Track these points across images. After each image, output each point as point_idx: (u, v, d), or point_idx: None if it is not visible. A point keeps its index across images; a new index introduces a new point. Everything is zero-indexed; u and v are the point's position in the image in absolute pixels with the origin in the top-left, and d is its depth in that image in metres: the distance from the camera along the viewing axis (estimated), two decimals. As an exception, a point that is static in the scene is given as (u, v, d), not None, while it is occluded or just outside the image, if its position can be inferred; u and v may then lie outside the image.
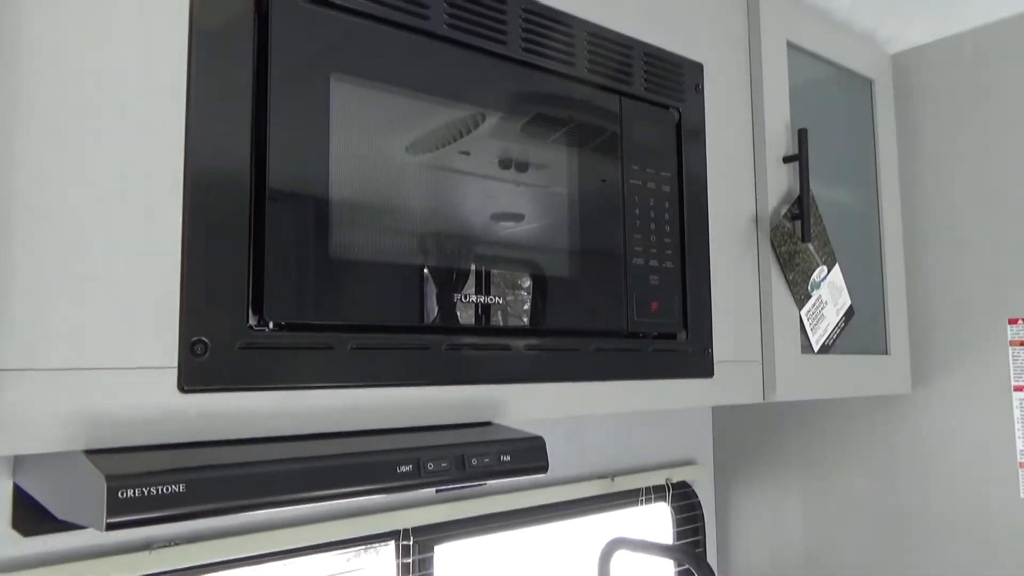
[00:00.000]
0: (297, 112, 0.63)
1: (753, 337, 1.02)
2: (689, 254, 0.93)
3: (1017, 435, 1.15)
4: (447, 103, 0.73)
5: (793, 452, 1.42)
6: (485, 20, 0.77)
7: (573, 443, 1.29)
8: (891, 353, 1.23)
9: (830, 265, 1.10)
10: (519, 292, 0.77)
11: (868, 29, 1.25)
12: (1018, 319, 1.16)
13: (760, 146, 1.05)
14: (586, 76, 0.85)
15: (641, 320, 0.87)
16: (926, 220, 1.27)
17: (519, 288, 0.77)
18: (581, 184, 0.83)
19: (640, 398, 0.88)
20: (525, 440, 0.64)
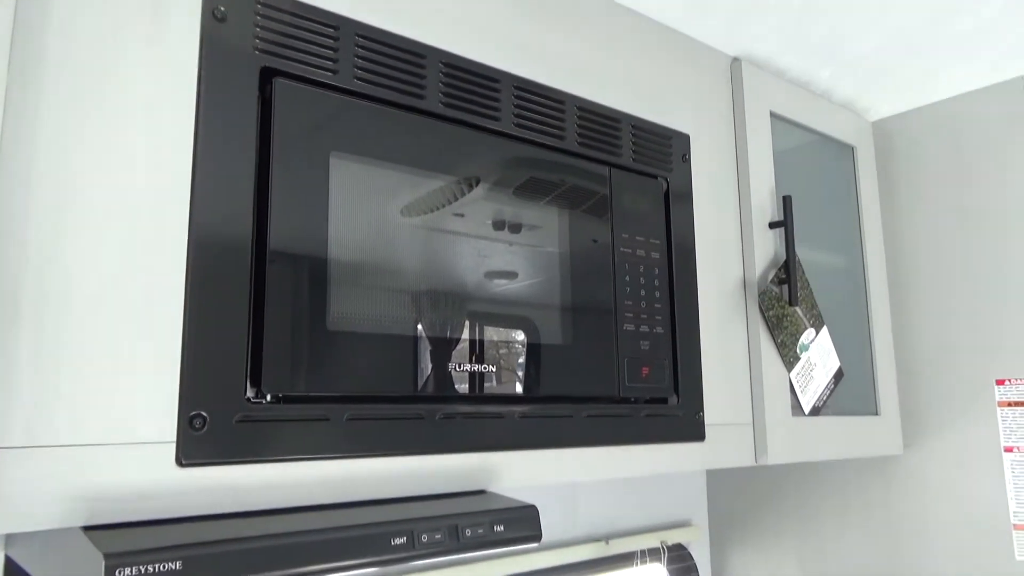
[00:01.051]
0: (297, 189, 0.65)
1: (743, 400, 1.03)
2: (679, 319, 0.95)
3: (1009, 496, 1.15)
4: (443, 176, 0.76)
5: (789, 513, 1.42)
6: (479, 98, 0.80)
7: (567, 506, 1.29)
8: (881, 414, 1.24)
9: (818, 328, 1.12)
10: (512, 359, 0.78)
11: (848, 98, 1.30)
12: (1006, 380, 1.17)
13: (746, 212, 1.08)
14: (576, 148, 0.89)
15: (632, 385, 0.88)
16: (911, 282, 1.30)
17: (512, 355, 0.78)
18: (572, 250, 0.86)
19: (633, 463, 0.88)
20: (519, 509, 0.65)
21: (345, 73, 0.71)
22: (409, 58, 0.75)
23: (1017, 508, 1.14)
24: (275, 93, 0.65)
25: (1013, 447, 1.16)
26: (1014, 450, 1.15)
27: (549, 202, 0.85)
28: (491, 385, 0.76)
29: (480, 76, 0.81)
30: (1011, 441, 1.16)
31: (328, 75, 0.69)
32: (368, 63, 0.72)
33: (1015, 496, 1.15)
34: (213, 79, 0.62)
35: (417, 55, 0.76)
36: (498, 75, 0.82)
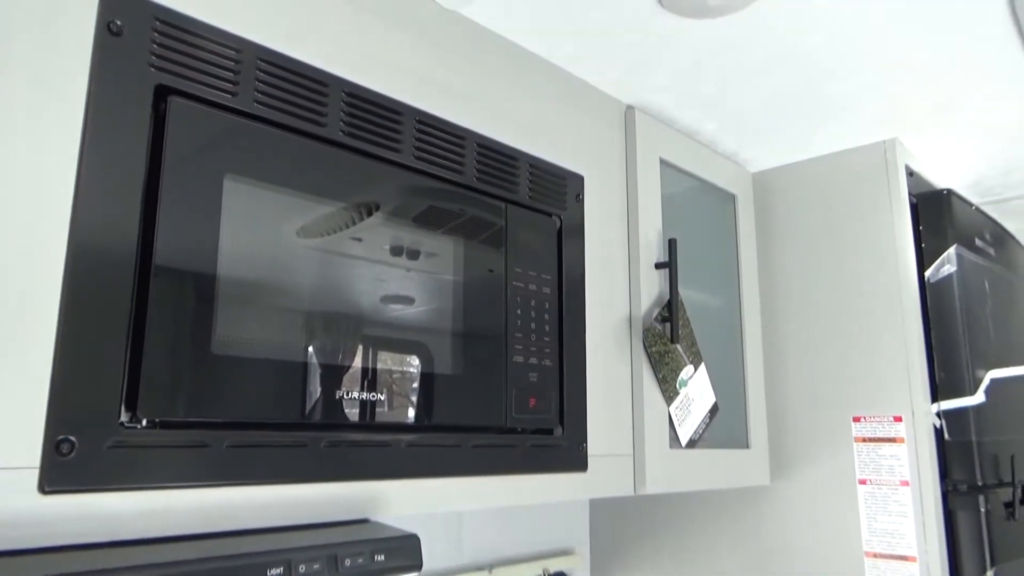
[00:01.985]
0: (187, 208, 0.64)
1: (625, 432, 1.08)
2: (567, 352, 0.99)
3: (862, 525, 1.25)
4: (341, 204, 0.76)
5: (666, 541, 1.47)
6: (381, 129, 0.81)
7: (452, 535, 1.30)
8: (752, 447, 1.31)
9: (697, 364, 1.18)
10: (403, 386, 0.79)
11: (732, 150, 1.39)
12: (861, 417, 1.27)
13: (634, 253, 1.14)
14: (475, 184, 0.91)
15: (519, 416, 0.90)
16: (782, 324, 1.39)
17: (403, 382, 0.79)
18: (467, 280, 0.87)
19: (517, 492, 0.90)
20: (400, 539, 0.65)
21: (245, 96, 0.70)
22: (312, 86, 0.76)
23: (869, 536, 1.24)
24: (169, 111, 0.64)
25: (867, 479, 1.25)
26: (867, 482, 1.25)
27: (446, 232, 0.87)
28: (381, 412, 0.76)
29: (383, 108, 0.82)
30: (865, 474, 1.26)
31: (227, 97, 0.69)
32: (269, 88, 0.72)
33: (867, 525, 1.24)
34: (104, 93, 0.61)
35: (320, 83, 0.77)
36: (401, 108, 0.84)
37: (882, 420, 1.25)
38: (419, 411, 0.81)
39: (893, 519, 1.21)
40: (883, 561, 1.21)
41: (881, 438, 1.25)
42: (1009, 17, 0.98)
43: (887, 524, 1.22)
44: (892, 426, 1.24)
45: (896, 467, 1.22)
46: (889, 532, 1.21)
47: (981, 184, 1.58)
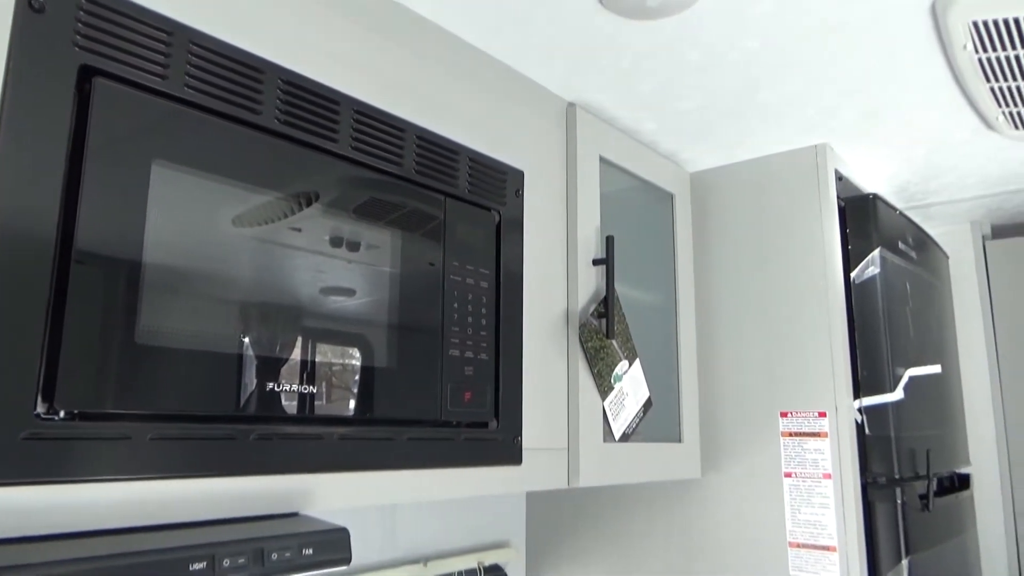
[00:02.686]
0: (113, 192, 0.62)
1: (560, 426, 1.09)
2: (503, 346, 0.99)
3: (787, 517, 1.29)
4: (277, 192, 0.75)
5: (601, 533, 1.50)
6: (318, 119, 0.80)
7: (387, 528, 1.29)
8: (684, 441, 1.34)
9: (631, 360, 1.20)
10: (336, 379, 0.78)
11: (671, 150, 1.41)
12: (788, 412, 1.32)
13: (572, 249, 1.15)
14: (413, 176, 0.91)
15: (454, 409, 0.91)
16: (715, 320, 1.43)
17: (336, 375, 0.78)
18: (404, 273, 0.87)
19: (451, 486, 0.91)
20: (328, 532, 0.65)
21: (175, 80, 0.69)
22: (246, 72, 0.74)
23: (792, 527, 1.28)
24: (94, 93, 0.62)
25: (792, 472, 1.30)
26: (792, 475, 1.29)
27: (385, 224, 0.86)
28: (313, 405, 0.76)
29: (320, 97, 0.81)
30: (790, 467, 1.30)
31: (156, 80, 0.67)
32: (201, 72, 0.71)
33: (791, 516, 1.28)
34: (23, 72, 0.58)
35: (255, 69, 0.75)
36: (339, 97, 0.83)
37: (807, 415, 1.30)
38: (351, 403, 0.80)
39: (816, 511, 1.26)
40: (805, 551, 1.26)
41: (806, 433, 1.29)
42: (932, 31, 1.02)
43: (810, 515, 1.26)
44: (817, 421, 1.29)
45: (819, 461, 1.27)
46: (812, 523, 1.26)
47: (905, 190, 1.65)
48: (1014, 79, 1.11)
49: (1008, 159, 1.46)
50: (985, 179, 1.58)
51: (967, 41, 1.02)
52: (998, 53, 1.04)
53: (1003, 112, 1.22)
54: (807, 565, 1.25)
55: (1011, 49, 1.03)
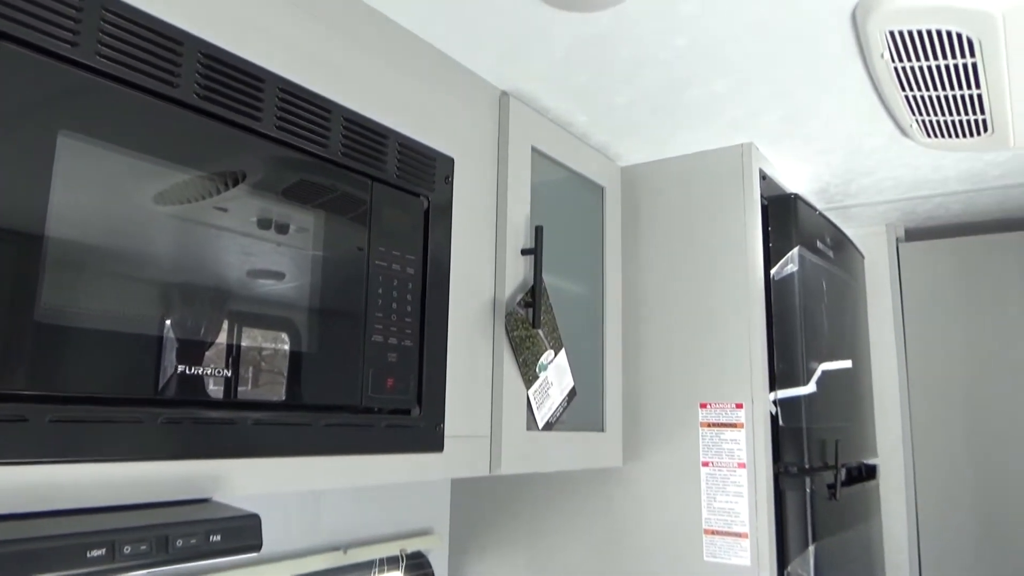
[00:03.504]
0: (11, 162, 0.59)
1: (483, 414, 1.09)
2: (428, 333, 0.99)
3: (703, 504, 1.33)
4: (196, 170, 0.73)
5: (524, 522, 1.51)
6: (239, 95, 0.78)
7: (308, 515, 1.27)
8: (606, 430, 1.37)
9: (557, 350, 1.22)
10: (250, 364, 0.77)
11: (602, 144, 1.43)
12: (707, 403, 1.35)
13: (501, 238, 1.15)
14: (339, 159, 0.89)
15: (375, 396, 0.90)
16: (642, 314, 1.45)
17: (251, 360, 0.77)
18: (329, 257, 0.86)
19: (371, 472, 0.90)
20: (238, 518, 0.64)
21: (86, 48, 0.66)
22: (164, 43, 0.72)
23: (708, 515, 1.32)
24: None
25: (709, 462, 1.34)
26: (709, 464, 1.33)
27: (311, 206, 0.85)
28: (227, 389, 0.74)
29: (243, 73, 0.79)
30: (707, 457, 1.34)
31: (66, 47, 0.64)
32: (115, 41, 0.68)
33: (707, 504, 1.32)
34: (-86, 31, 0.55)
35: (173, 40, 0.72)
36: (263, 75, 0.81)
37: (725, 407, 1.34)
38: (268, 388, 0.79)
39: (730, 499, 1.30)
40: (719, 538, 1.30)
41: (724, 423, 1.33)
42: (852, 39, 1.06)
43: (725, 503, 1.30)
44: (734, 412, 1.33)
45: (735, 450, 1.31)
46: (726, 511, 1.30)
47: (826, 191, 1.71)
48: (927, 89, 1.16)
49: (921, 165, 1.53)
50: (899, 184, 1.65)
51: (884, 50, 1.06)
52: (913, 63, 1.09)
53: (916, 120, 1.28)
54: (720, 551, 1.29)
55: (924, 60, 1.07)
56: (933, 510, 1.84)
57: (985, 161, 1.50)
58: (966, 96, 1.16)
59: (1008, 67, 1.07)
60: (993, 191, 1.69)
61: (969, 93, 1.15)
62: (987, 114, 1.22)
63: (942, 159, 1.49)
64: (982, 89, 1.13)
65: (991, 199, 1.75)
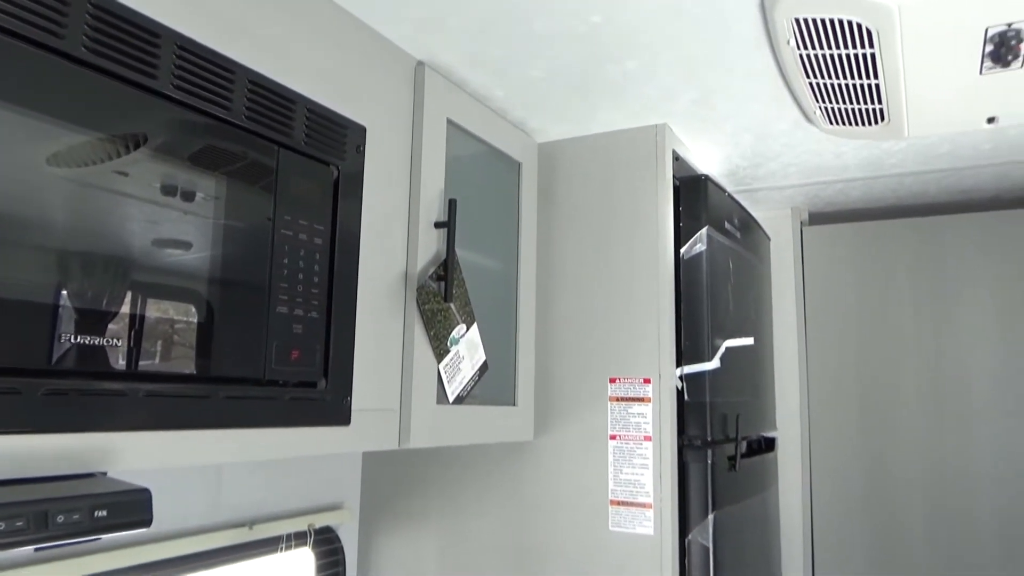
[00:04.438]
0: None
1: (393, 387, 1.08)
2: (336, 305, 0.97)
3: (610, 476, 1.36)
4: (88, 132, 0.69)
5: (436, 494, 1.52)
6: (133, 50, 0.74)
7: (211, 490, 1.24)
8: (518, 404, 1.38)
9: (469, 324, 1.22)
10: (143, 334, 0.74)
11: (519, 119, 1.43)
12: (616, 378, 1.38)
13: (415, 210, 1.14)
14: (243, 123, 0.86)
15: (279, 368, 0.88)
16: (555, 288, 1.47)
17: (143, 330, 0.74)
18: (232, 226, 0.83)
19: (274, 446, 0.88)
20: (126, 493, 0.61)
21: (-44, -10, 0.61)
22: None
23: (615, 487, 1.35)
24: None
25: (617, 435, 1.37)
26: (617, 438, 1.37)
27: (217, 173, 0.82)
28: (118, 359, 0.71)
29: (136, 27, 0.74)
30: (615, 430, 1.37)
31: (-69, -13, 0.59)
32: (-10, -16, 0.63)
33: (614, 476, 1.36)
34: None
35: (58, -12, 0.68)
36: (159, 30, 0.77)
37: (634, 381, 1.37)
38: (166, 360, 0.76)
39: (636, 470, 1.34)
40: (624, 508, 1.33)
41: (632, 398, 1.37)
42: (761, 24, 1.09)
43: (630, 475, 1.34)
44: (642, 387, 1.36)
45: (642, 424, 1.35)
46: (631, 482, 1.34)
47: (735, 174, 1.76)
48: (830, 77, 1.20)
49: (823, 151, 1.59)
50: (804, 169, 1.71)
51: (790, 37, 1.10)
52: (816, 51, 1.13)
53: (819, 107, 1.33)
54: (625, 521, 1.33)
55: (827, 48, 1.11)
56: (826, 480, 1.95)
57: (882, 150, 1.58)
58: (865, 85, 1.21)
59: (903, 59, 1.12)
60: (889, 179, 1.78)
61: (868, 83, 1.20)
62: (884, 104, 1.28)
63: (843, 146, 1.55)
64: (879, 79, 1.19)
65: (887, 186, 1.84)
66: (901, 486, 1.87)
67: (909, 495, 1.85)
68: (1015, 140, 1.51)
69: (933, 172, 1.73)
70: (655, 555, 1.30)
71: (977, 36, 1.05)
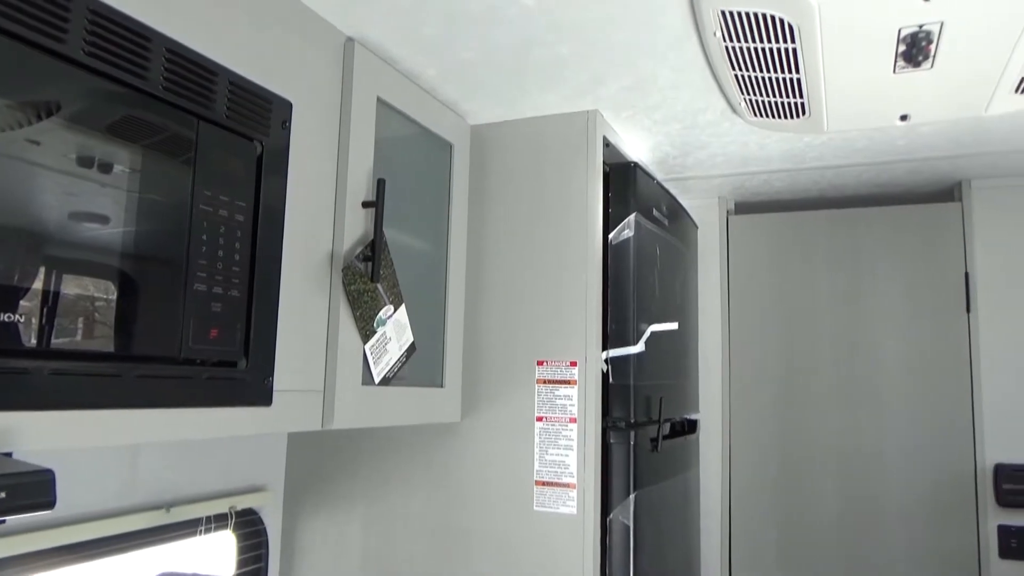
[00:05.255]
0: None
1: (317, 368, 1.07)
2: (258, 284, 0.95)
3: (535, 457, 1.38)
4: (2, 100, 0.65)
5: (362, 476, 1.51)
6: (40, 12, 0.70)
7: (125, 472, 1.20)
8: (446, 386, 1.38)
9: (397, 305, 1.21)
10: (51, 310, 0.71)
11: (452, 100, 1.42)
12: (544, 361, 1.40)
13: (342, 189, 1.12)
14: (160, 93, 0.83)
15: (197, 347, 0.86)
16: (485, 271, 1.47)
17: (52, 306, 0.71)
18: (149, 200, 0.80)
19: (191, 426, 0.86)
20: (26, 474, 0.59)
21: None
22: (-58, -57, 0.63)
23: (540, 467, 1.37)
24: None
25: (543, 417, 1.39)
26: (543, 419, 1.39)
27: (138, 146, 0.79)
28: (27, 337, 0.68)
29: (43, -12, 0.71)
30: (542, 412, 1.39)
31: None
32: None
33: (539, 457, 1.38)
34: None
35: (-45, -58, 0.64)
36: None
37: (560, 364, 1.39)
38: (75, 336, 0.73)
39: (561, 452, 1.36)
40: (548, 488, 1.36)
41: (558, 380, 1.38)
42: (689, 14, 1.11)
43: (555, 456, 1.36)
44: (568, 370, 1.38)
45: (568, 406, 1.37)
46: (556, 463, 1.36)
47: (665, 162, 1.80)
48: (755, 70, 1.24)
49: (748, 143, 1.63)
50: (730, 159, 1.76)
51: (717, 28, 1.12)
52: (741, 44, 1.15)
53: (745, 99, 1.36)
54: (549, 501, 1.35)
55: (752, 41, 1.14)
56: (744, 461, 2.02)
57: (804, 143, 1.63)
58: (787, 80, 1.25)
59: (823, 55, 1.16)
60: (811, 171, 1.85)
61: (789, 77, 1.24)
62: (805, 98, 1.32)
63: (767, 138, 1.60)
64: (800, 74, 1.22)
65: (809, 179, 1.91)
66: (815, 467, 1.95)
67: (822, 476, 1.94)
68: (928, 138, 1.58)
69: (852, 166, 1.80)
70: (577, 534, 1.33)
71: (891, 36, 1.10)
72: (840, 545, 1.90)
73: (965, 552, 1.79)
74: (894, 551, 1.85)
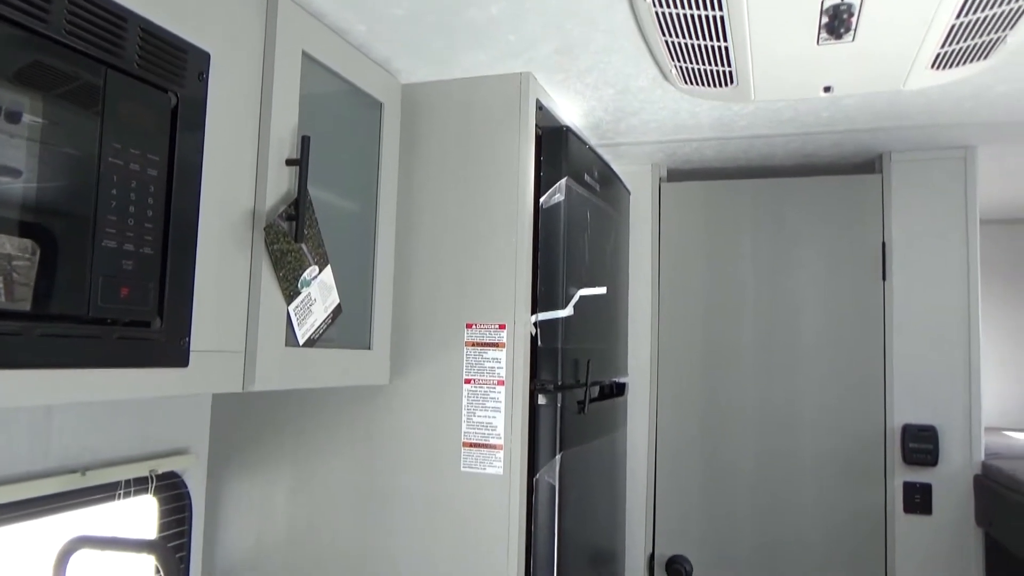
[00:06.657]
0: None
1: (238, 329, 1.05)
2: (172, 242, 0.92)
3: (463, 419, 1.39)
4: None
5: (288, 438, 1.50)
6: (-78, -56, 0.66)
7: (37, 434, 1.17)
8: (373, 348, 1.38)
9: (322, 265, 1.19)
10: (-59, 265, 0.67)
11: (383, 58, 1.39)
12: (473, 324, 1.40)
13: (264, 146, 1.09)
14: (64, 38, 0.79)
15: (107, 305, 0.83)
16: (414, 233, 1.46)
17: (-59, 261, 0.67)
18: (53, 152, 0.76)
19: (101, 387, 0.84)
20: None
21: None
22: None
23: (467, 429, 1.39)
24: None
25: (471, 379, 1.39)
26: (472, 382, 1.39)
27: (44, 95, 0.75)
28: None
29: (-73, -82, 0.66)
30: (470, 374, 1.40)
31: None
32: None
33: (467, 419, 1.39)
34: None
35: None
36: (-44, -76, 0.68)
37: (490, 327, 1.39)
38: (-31, 293, 0.70)
39: (488, 413, 1.37)
40: (476, 450, 1.37)
41: (487, 343, 1.39)
42: (619, -22, 1.10)
43: (483, 418, 1.37)
44: (497, 333, 1.39)
45: (496, 369, 1.38)
46: (484, 425, 1.37)
47: (599, 127, 1.80)
48: (684, 36, 1.24)
49: (680, 110, 1.65)
50: (662, 126, 1.77)
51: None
52: (670, 10, 1.16)
53: (676, 66, 1.37)
54: (476, 462, 1.37)
55: (680, 8, 1.15)
56: (669, 421, 2.08)
57: (733, 112, 1.66)
58: (715, 47, 1.26)
59: (749, 23, 1.17)
60: (740, 140, 1.88)
61: (717, 45, 1.25)
62: (733, 67, 1.34)
63: (697, 106, 1.62)
64: (728, 42, 1.24)
65: (739, 147, 1.94)
66: (736, 427, 2.02)
67: (743, 436, 2.01)
68: (850, 110, 1.62)
69: (779, 136, 1.84)
70: (504, 493, 1.35)
71: (814, 7, 1.12)
72: (756, 503, 1.98)
73: (873, 507, 1.89)
74: (807, 505, 1.94)
